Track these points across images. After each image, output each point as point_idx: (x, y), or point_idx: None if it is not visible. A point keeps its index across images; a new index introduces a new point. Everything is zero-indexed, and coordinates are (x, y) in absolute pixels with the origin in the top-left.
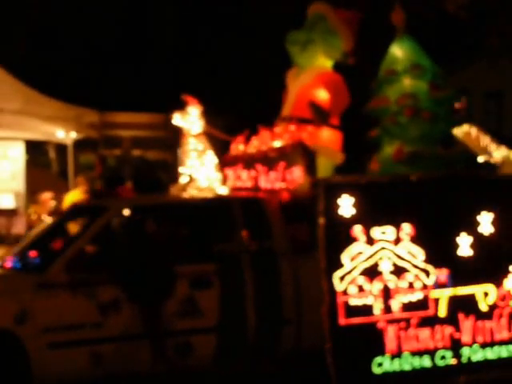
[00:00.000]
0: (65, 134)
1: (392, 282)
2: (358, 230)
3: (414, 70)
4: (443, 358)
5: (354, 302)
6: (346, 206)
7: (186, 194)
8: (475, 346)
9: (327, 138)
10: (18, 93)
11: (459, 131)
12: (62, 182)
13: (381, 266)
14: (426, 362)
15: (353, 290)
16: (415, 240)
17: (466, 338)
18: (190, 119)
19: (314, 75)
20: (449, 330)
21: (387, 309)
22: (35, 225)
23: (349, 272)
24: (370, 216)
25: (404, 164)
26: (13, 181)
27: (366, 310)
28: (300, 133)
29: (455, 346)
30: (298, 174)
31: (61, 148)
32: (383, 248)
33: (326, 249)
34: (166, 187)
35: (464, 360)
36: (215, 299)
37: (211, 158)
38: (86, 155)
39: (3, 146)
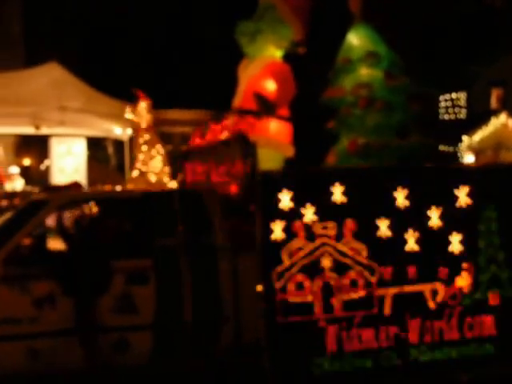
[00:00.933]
0: (122, 131)
1: (334, 279)
2: (297, 225)
3: (369, 58)
4: (388, 358)
5: (293, 299)
6: (285, 200)
7: (134, 188)
8: (423, 346)
9: (275, 130)
10: (80, 92)
11: (497, 122)
12: (119, 176)
13: (322, 262)
14: (368, 362)
15: (292, 287)
16: (358, 236)
17: (412, 337)
18: (141, 113)
19: (262, 66)
20: (394, 329)
21: (328, 307)
22: None
23: (288, 269)
24: (311, 211)
25: (358, 156)
26: (75, 174)
27: (306, 308)
28: (241, 124)
29: (401, 346)
30: (239, 166)
31: (118, 144)
32: (324, 244)
33: (263, 244)
34: None
35: (410, 361)
36: (152, 295)
37: (160, 151)
38: None
39: (68, 143)
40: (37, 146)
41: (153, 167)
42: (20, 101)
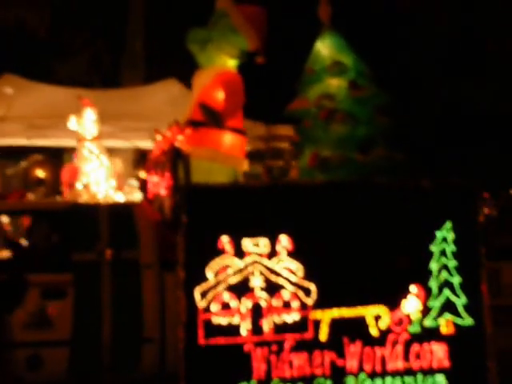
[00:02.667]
0: None
1: (264, 299)
2: (225, 240)
3: (333, 67)
4: None
5: (217, 320)
6: (212, 214)
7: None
8: (362, 374)
9: (229, 143)
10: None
11: None
12: None
13: (252, 281)
14: None
15: (216, 307)
16: (294, 254)
17: (350, 365)
18: (85, 123)
19: (212, 75)
20: (330, 355)
21: (256, 329)
22: None
23: (213, 287)
24: (240, 226)
25: (318, 170)
26: None
27: (231, 329)
28: (176, 137)
29: (337, 373)
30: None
31: None
32: (255, 262)
33: (186, 261)
34: None
35: None
36: (68, 311)
37: (104, 163)
38: (251, 166)
39: None
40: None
41: (96, 179)
42: (139, 116)
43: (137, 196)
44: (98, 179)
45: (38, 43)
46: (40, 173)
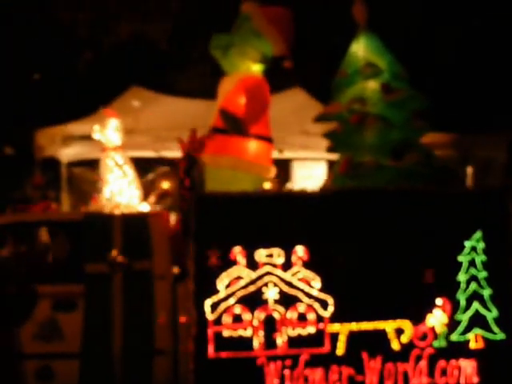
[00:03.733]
0: None
1: (278, 312)
2: (237, 251)
3: (366, 69)
4: None
5: (228, 333)
6: (224, 224)
7: (104, 210)
8: None
9: (254, 151)
10: None
11: None
12: None
13: (265, 293)
14: None
15: (227, 319)
16: (311, 265)
17: (370, 381)
18: (109, 132)
19: (235, 82)
20: (348, 371)
21: (270, 343)
22: None
23: (224, 299)
24: (253, 236)
25: (349, 177)
26: None
27: (243, 343)
28: (192, 143)
29: None
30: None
31: None
32: (269, 273)
33: (196, 272)
34: None
35: None
36: (79, 323)
37: (128, 173)
38: None
39: (309, 167)
40: (279, 169)
41: (120, 189)
42: None
43: None
44: (121, 189)
45: (161, 55)
46: (165, 185)
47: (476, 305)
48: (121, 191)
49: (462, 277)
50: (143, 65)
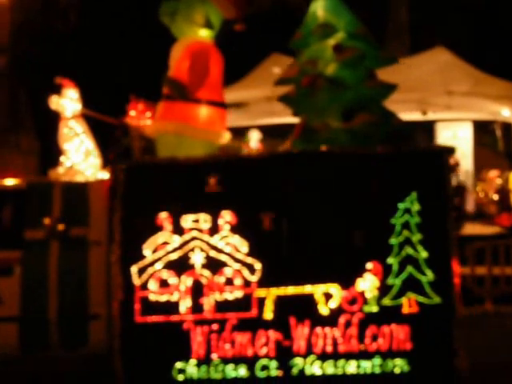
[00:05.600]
0: (510, 113)
1: (205, 277)
2: (163, 217)
3: (318, 30)
4: (265, 368)
5: (155, 298)
6: (150, 190)
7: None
8: (311, 357)
9: (201, 116)
10: (467, 76)
11: None
12: (506, 161)
13: (192, 258)
14: (241, 371)
15: (154, 284)
16: (238, 230)
17: (298, 346)
18: (66, 102)
19: (183, 47)
20: (275, 335)
21: (197, 308)
22: (483, 202)
23: (150, 264)
24: (179, 202)
25: (302, 141)
26: (462, 160)
27: (170, 307)
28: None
29: (283, 355)
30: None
31: (506, 127)
32: (195, 238)
33: (122, 238)
34: None
35: (294, 373)
36: (16, 287)
37: (87, 142)
38: None
39: (453, 128)
40: (423, 131)
41: (77, 158)
42: (407, 87)
43: None
44: (79, 158)
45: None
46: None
47: (410, 268)
48: (80, 160)
49: (394, 240)
50: (283, 32)
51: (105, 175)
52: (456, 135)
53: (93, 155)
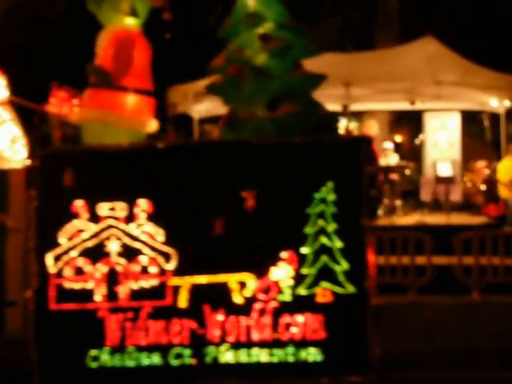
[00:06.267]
0: (498, 103)
1: (120, 265)
2: (79, 204)
3: (247, 19)
4: (179, 356)
5: (70, 285)
6: (65, 178)
7: None
8: (225, 345)
9: (126, 104)
10: (455, 66)
11: None
12: (494, 151)
13: (108, 246)
14: (155, 359)
15: (69, 272)
16: (154, 218)
17: (212, 335)
18: None
19: (109, 35)
20: (190, 324)
21: (112, 295)
22: (471, 192)
23: (65, 252)
24: (95, 190)
25: (228, 130)
26: (450, 150)
27: (84, 295)
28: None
29: (197, 343)
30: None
31: (493, 117)
32: (111, 226)
33: (37, 225)
34: None
35: (208, 361)
36: None
37: (14, 129)
38: None
39: (441, 117)
40: (411, 121)
41: (3, 145)
42: (395, 77)
43: (393, 159)
44: (5, 145)
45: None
46: None
47: (324, 258)
48: (5, 147)
49: (309, 229)
50: None
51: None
52: (444, 125)
53: (19, 142)
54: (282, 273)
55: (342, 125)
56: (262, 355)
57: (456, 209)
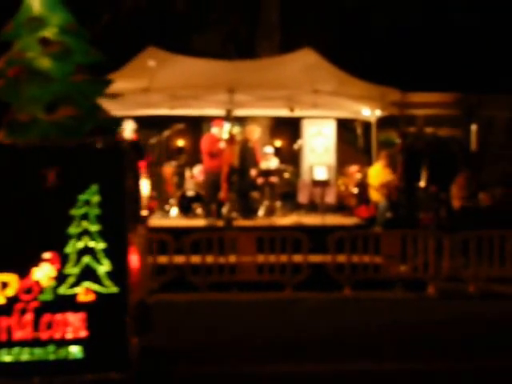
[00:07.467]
0: (370, 112)
1: None
2: None
3: (29, 22)
4: None
5: None
6: None
7: None
8: None
9: None
10: (332, 76)
11: None
12: (365, 157)
13: None
14: None
15: None
16: None
17: None
18: None
19: None
20: None
21: None
22: (344, 195)
23: None
24: None
25: (8, 133)
26: (325, 155)
27: None
28: None
29: None
30: None
31: (366, 126)
32: None
33: None
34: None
35: None
36: None
37: None
38: (385, 132)
39: (318, 124)
40: (290, 127)
41: None
42: (276, 85)
43: (273, 163)
44: None
45: (177, 17)
46: (180, 142)
47: (87, 258)
48: None
49: (73, 230)
50: (159, 26)
51: None
52: (321, 132)
53: None
54: (44, 273)
55: (215, 129)
56: (22, 354)
57: (330, 210)
